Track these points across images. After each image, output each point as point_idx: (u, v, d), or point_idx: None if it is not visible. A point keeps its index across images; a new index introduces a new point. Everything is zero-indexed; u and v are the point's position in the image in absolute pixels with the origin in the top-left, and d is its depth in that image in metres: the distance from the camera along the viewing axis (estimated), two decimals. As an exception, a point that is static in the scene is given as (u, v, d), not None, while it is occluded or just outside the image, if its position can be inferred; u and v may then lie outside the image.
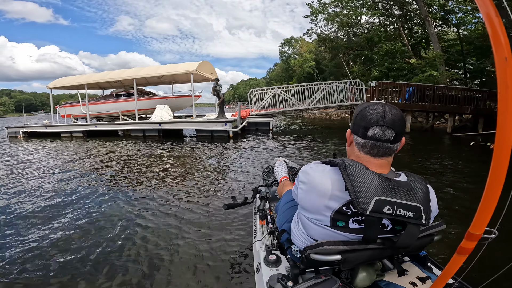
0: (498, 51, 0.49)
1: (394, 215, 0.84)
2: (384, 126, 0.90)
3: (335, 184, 0.91)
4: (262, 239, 1.68)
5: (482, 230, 0.61)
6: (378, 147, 0.93)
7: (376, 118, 0.91)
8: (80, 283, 2.16)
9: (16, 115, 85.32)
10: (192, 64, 12.58)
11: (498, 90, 0.50)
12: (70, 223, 3.29)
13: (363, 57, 23.73)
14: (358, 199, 0.83)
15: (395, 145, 0.93)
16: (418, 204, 0.86)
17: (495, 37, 0.48)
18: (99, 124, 13.46)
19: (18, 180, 5.42)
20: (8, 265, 2.42)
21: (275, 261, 1.32)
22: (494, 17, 0.48)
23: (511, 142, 0.52)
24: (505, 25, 0.65)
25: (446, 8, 16.82)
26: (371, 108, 0.94)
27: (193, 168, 6.14)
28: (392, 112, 0.92)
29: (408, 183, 0.91)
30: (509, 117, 0.50)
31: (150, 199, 4.01)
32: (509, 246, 2.26)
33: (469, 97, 11.56)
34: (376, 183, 0.85)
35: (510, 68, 0.48)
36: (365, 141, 0.94)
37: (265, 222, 1.84)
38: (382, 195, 0.84)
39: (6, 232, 3.10)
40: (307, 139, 10.30)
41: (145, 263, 2.41)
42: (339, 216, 0.92)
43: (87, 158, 7.60)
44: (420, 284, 0.96)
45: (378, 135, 0.91)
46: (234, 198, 2.08)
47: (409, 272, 1.02)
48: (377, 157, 0.95)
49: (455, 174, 5.17)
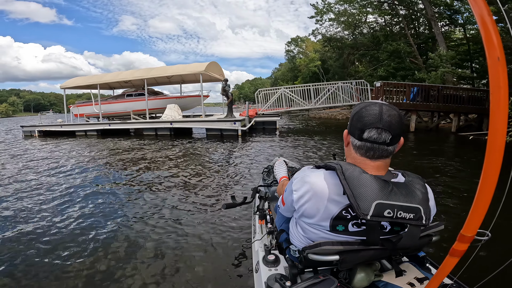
0: (490, 51, 0.48)
1: (394, 218, 0.83)
2: (380, 128, 0.88)
3: (333, 188, 0.90)
4: (261, 238, 1.68)
5: (474, 232, 0.61)
6: (374, 149, 0.90)
7: (372, 120, 0.88)
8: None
9: (25, 115, 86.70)
10: (201, 64, 12.85)
11: (491, 91, 0.49)
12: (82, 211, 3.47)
13: (369, 56, 23.58)
14: (358, 204, 0.82)
15: (391, 147, 0.91)
16: (418, 205, 0.85)
17: (487, 37, 0.48)
18: (113, 123, 13.71)
19: (52, 174, 5.74)
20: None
21: (274, 261, 1.32)
22: (486, 16, 0.47)
23: (503, 143, 0.51)
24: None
25: (452, 8, 16.64)
26: (367, 108, 0.91)
27: (206, 166, 6.31)
28: (389, 114, 0.88)
29: (406, 184, 0.90)
30: (500, 118, 0.50)
31: (157, 196, 4.05)
32: (504, 246, 2.26)
33: (473, 97, 11.56)
34: (375, 186, 0.84)
35: (502, 68, 0.48)
36: (361, 143, 0.91)
37: (264, 222, 1.84)
38: (381, 198, 0.83)
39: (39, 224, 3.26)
40: (313, 138, 10.34)
41: (143, 261, 2.42)
42: (338, 221, 0.91)
43: (110, 155, 7.96)
44: (418, 285, 0.97)
45: (374, 137, 0.88)
46: (234, 197, 2.08)
47: (407, 272, 1.02)
48: (373, 159, 0.93)
49: (454, 173, 5.18)
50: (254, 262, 1.57)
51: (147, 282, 2.15)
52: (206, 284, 2.10)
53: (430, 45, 19.68)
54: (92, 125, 13.85)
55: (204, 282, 2.12)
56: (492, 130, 0.51)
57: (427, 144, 8.99)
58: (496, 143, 0.51)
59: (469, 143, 7.92)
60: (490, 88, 0.50)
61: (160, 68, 15.58)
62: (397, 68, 17.81)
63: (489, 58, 0.49)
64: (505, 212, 0.79)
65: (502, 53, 0.48)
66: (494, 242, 0.90)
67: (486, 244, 0.65)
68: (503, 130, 0.50)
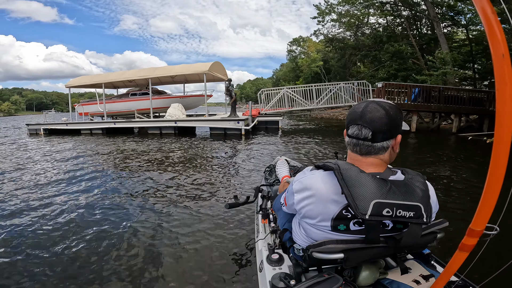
0: (495, 47, 0.48)
1: (394, 217, 0.83)
2: (360, 125, 0.91)
3: (332, 188, 0.90)
4: (265, 238, 1.68)
5: (483, 227, 0.61)
6: (360, 145, 0.93)
7: (355, 117, 0.93)
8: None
9: (27, 114, 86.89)
10: (205, 64, 12.99)
11: (496, 87, 0.50)
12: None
13: (371, 57, 23.55)
14: (356, 204, 0.82)
15: (378, 144, 0.91)
16: (418, 203, 0.85)
17: (491, 34, 0.48)
18: (119, 122, 13.81)
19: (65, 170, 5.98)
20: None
21: (278, 260, 1.32)
22: (490, 14, 0.47)
23: (510, 138, 0.51)
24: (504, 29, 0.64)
25: (455, 9, 16.60)
26: (356, 106, 0.96)
27: (211, 164, 6.39)
28: (374, 110, 0.90)
29: (405, 182, 0.90)
30: (507, 113, 0.50)
31: (159, 195, 4.07)
32: (510, 243, 2.24)
33: (474, 98, 11.62)
34: (372, 185, 0.84)
35: (507, 65, 0.48)
36: (349, 139, 0.97)
37: (267, 221, 1.85)
38: (380, 197, 0.83)
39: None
40: (314, 138, 10.41)
41: (147, 260, 2.43)
42: (340, 221, 0.92)
43: (117, 153, 8.15)
44: (423, 282, 0.96)
45: (356, 133, 0.93)
46: (236, 197, 2.08)
47: (412, 270, 1.02)
48: (364, 156, 0.95)
49: (453, 172, 5.22)
50: (258, 261, 1.57)
51: (150, 281, 2.15)
52: (210, 284, 2.10)
53: (432, 46, 19.63)
54: (98, 124, 14.03)
55: (207, 282, 2.12)
56: (498, 125, 0.52)
57: (428, 144, 9.11)
58: (503, 138, 0.52)
59: (469, 143, 7.99)
60: (495, 84, 0.51)
61: (165, 67, 15.78)
62: (399, 69, 17.78)
63: (493, 55, 0.49)
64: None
65: (507, 50, 0.48)
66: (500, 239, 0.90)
67: (492, 240, 0.65)
68: (509, 124, 0.51)
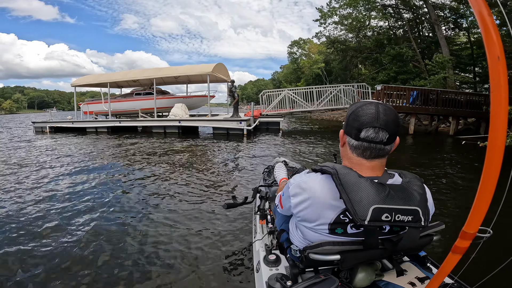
0: (490, 50, 0.48)
1: (392, 222, 0.83)
2: (377, 127, 0.87)
3: (329, 193, 0.90)
4: (262, 238, 1.68)
5: (476, 229, 0.61)
6: (371, 149, 0.90)
7: (369, 119, 0.88)
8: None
9: (28, 112, 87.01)
10: (209, 66, 13.23)
11: (491, 90, 0.50)
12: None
13: (372, 59, 23.57)
14: (355, 210, 0.81)
15: (388, 146, 0.91)
16: (416, 207, 0.84)
17: (487, 36, 0.48)
18: (124, 121, 13.96)
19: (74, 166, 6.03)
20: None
21: (275, 261, 1.32)
22: (486, 16, 0.47)
23: (504, 141, 0.51)
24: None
25: (457, 12, 16.63)
26: (364, 108, 0.90)
27: (214, 163, 6.46)
28: (386, 113, 0.88)
29: (403, 186, 0.89)
30: (501, 116, 0.50)
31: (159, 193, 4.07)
32: (504, 245, 2.25)
33: (472, 101, 11.77)
34: (371, 191, 0.83)
35: (502, 67, 0.48)
36: (358, 143, 0.91)
37: (265, 221, 1.84)
38: (379, 203, 0.82)
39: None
40: (314, 139, 10.53)
41: (143, 260, 2.42)
42: (337, 225, 0.92)
43: (124, 152, 8.28)
44: (419, 284, 0.96)
45: (372, 137, 0.88)
46: (235, 197, 2.07)
47: (408, 272, 1.02)
48: (369, 159, 0.92)
49: (449, 174, 5.25)
50: (255, 262, 1.57)
51: (147, 282, 2.15)
52: (207, 284, 2.10)
53: (433, 48, 19.65)
54: (103, 122, 14.20)
55: (204, 282, 2.12)
56: (493, 128, 0.51)
57: (425, 146, 9.24)
58: (497, 141, 0.52)
59: (465, 146, 8.10)
60: (490, 86, 0.50)
61: (169, 68, 16.14)
62: (399, 72, 17.81)
63: (489, 57, 0.49)
64: (506, 209, 0.79)
65: (502, 52, 0.48)
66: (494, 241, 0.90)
67: (486, 243, 0.65)
68: (503, 128, 0.50)
